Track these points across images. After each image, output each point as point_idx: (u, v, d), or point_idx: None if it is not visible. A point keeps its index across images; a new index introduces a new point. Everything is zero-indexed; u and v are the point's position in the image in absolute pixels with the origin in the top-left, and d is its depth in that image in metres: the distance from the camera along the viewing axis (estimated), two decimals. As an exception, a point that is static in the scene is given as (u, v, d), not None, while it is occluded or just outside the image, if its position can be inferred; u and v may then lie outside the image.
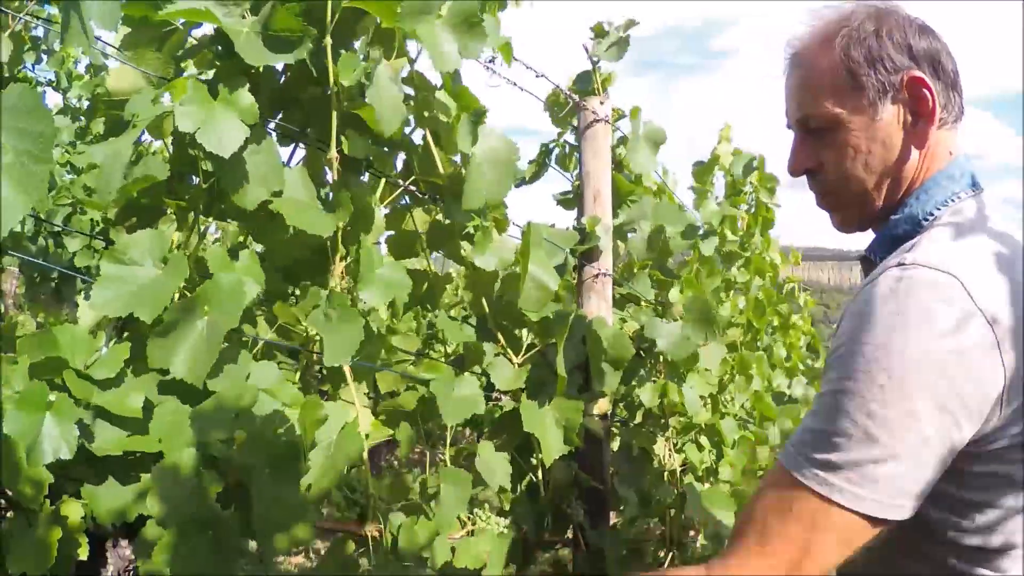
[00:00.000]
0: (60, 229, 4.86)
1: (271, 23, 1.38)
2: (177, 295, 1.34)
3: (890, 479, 1.11)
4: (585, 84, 2.54)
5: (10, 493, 1.19)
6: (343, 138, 1.49)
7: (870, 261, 1.38)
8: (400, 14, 1.46)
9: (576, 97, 2.34)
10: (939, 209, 1.30)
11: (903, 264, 1.16)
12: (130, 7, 1.51)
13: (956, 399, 1.10)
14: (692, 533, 2.86)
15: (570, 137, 2.71)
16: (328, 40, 1.43)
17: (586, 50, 2.55)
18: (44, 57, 5.80)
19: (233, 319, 1.32)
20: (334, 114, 1.46)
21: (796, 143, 1.42)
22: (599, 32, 2.48)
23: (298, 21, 1.36)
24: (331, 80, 1.43)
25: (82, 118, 5.44)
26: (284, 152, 1.65)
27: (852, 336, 1.15)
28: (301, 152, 1.66)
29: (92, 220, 4.80)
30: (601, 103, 2.36)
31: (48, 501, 1.21)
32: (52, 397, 1.18)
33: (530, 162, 2.71)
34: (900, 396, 1.10)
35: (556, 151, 2.73)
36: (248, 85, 1.37)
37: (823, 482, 1.13)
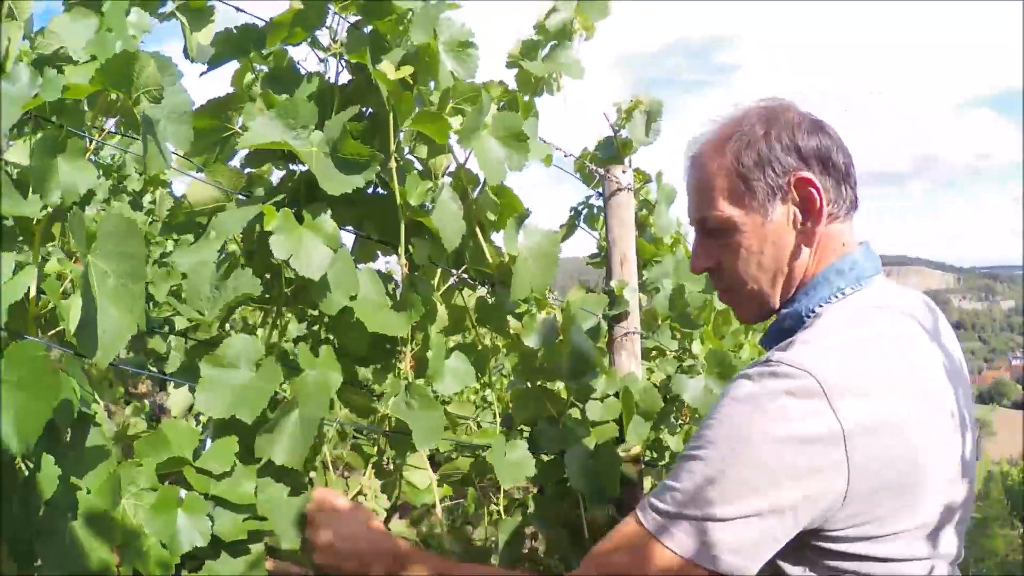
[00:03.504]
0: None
1: (340, 148, 1.56)
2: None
3: (718, 536, 1.20)
4: (608, 151, 2.73)
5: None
6: (410, 247, 1.69)
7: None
8: (460, 132, 1.66)
9: (601, 171, 2.54)
10: (821, 306, 1.37)
11: (769, 360, 1.26)
12: (199, 120, 1.71)
13: (793, 483, 1.19)
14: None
15: (595, 198, 2.93)
16: (393, 164, 1.62)
17: (607, 118, 2.74)
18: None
19: (323, 410, 1.51)
20: (403, 225, 1.66)
21: (696, 242, 1.50)
22: (625, 109, 2.68)
23: (366, 148, 1.54)
24: (397, 198, 1.63)
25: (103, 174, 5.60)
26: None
27: (713, 413, 1.27)
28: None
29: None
30: (623, 171, 2.55)
31: (172, 579, 1.41)
32: (183, 494, 1.38)
33: (561, 225, 2.91)
34: (738, 470, 1.20)
35: (584, 212, 2.94)
36: (330, 212, 1.56)
37: (659, 526, 1.25)
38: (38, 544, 1.23)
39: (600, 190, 2.63)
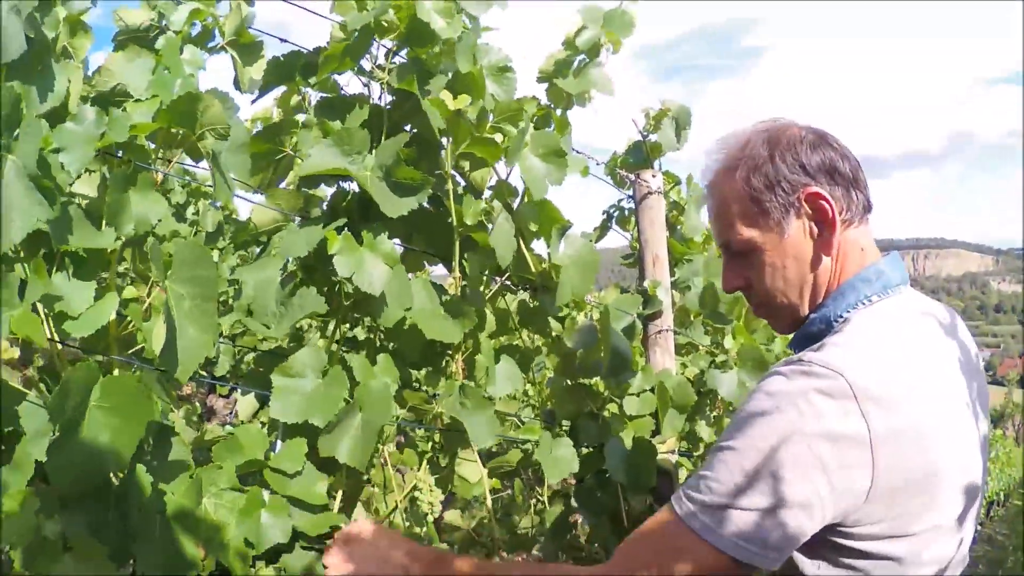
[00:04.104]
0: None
1: (394, 173, 1.68)
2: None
3: (749, 527, 1.25)
4: (637, 156, 2.83)
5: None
6: (464, 262, 1.81)
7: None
8: (508, 152, 1.78)
9: (632, 176, 2.65)
10: (848, 311, 1.43)
11: (802, 360, 1.31)
12: (255, 145, 1.84)
13: (822, 477, 1.24)
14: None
15: (626, 201, 3.04)
16: (450, 186, 1.74)
17: (636, 124, 2.85)
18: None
19: (385, 417, 1.64)
20: (457, 243, 1.79)
21: (724, 264, 1.58)
22: (654, 116, 2.78)
23: (418, 173, 1.67)
24: (454, 219, 1.75)
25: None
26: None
27: (746, 406, 1.32)
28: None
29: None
30: (653, 176, 2.66)
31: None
32: (266, 496, 1.51)
33: (595, 228, 3.03)
34: (770, 462, 1.25)
35: (616, 214, 3.05)
36: (387, 232, 1.68)
37: (693, 516, 1.29)
38: (135, 546, 1.36)
39: (631, 193, 2.74)
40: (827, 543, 1.32)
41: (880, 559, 1.30)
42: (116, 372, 1.51)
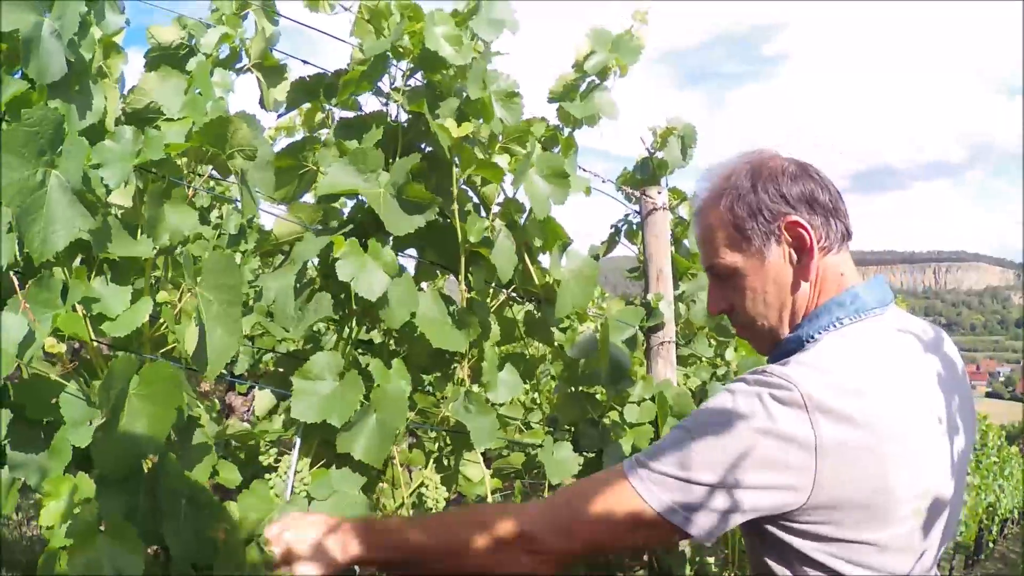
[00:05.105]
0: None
1: (404, 191, 1.79)
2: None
3: (685, 496, 1.35)
4: (644, 172, 2.95)
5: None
6: (469, 276, 1.93)
7: None
8: (513, 174, 1.90)
9: (636, 194, 2.77)
10: (820, 333, 1.49)
11: (765, 371, 1.40)
12: (279, 161, 1.96)
13: (761, 470, 1.33)
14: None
15: (634, 215, 3.15)
16: (455, 206, 1.87)
17: (643, 142, 2.96)
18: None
19: (400, 419, 1.76)
20: (463, 258, 1.91)
21: (710, 288, 1.67)
22: (660, 134, 2.90)
23: (427, 193, 1.78)
24: (459, 235, 1.87)
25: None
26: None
27: (708, 401, 1.43)
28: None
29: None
30: (659, 192, 2.78)
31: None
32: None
33: (602, 242, 3.14)
34: (716, 446, 1.34)
35: (624, 228, 3.16)
36: (392, 242, 1.80)
37: (636, 475, 1.39)
38: (164, 528, 1.47)
39: (639, 208, 2.85)
40: (773, 538, 1.41)
41: (839, 560, 1.37)
42: (149, 369, 1.62)
